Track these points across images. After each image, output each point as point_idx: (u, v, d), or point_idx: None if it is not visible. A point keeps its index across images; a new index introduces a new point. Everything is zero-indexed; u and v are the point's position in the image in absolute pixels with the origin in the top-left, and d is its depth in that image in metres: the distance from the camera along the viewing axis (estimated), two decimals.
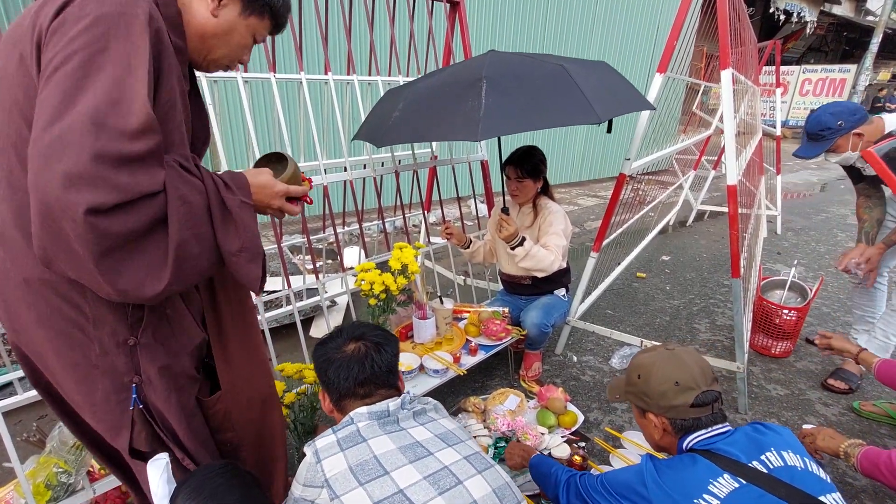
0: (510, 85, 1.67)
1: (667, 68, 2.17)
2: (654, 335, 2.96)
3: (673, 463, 1.15)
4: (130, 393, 0.99)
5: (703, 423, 1.18)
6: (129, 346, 0.97)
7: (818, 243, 4.89)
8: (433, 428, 1.11)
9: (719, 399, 1.21)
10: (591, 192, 7.10)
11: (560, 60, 1.80)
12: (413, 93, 1.91)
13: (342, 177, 2.28)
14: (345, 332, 1.21)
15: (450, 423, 1.16)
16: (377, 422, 1.08)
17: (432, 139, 1.91)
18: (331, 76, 2.23)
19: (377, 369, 1.15)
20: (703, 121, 5.55)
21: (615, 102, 1.81)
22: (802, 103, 13.08)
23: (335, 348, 1.18)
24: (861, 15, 14.97)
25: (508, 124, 1.59)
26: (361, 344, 1.18)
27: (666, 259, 4.38)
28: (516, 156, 2.27)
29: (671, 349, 1.25)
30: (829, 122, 2.13)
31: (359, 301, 2.98)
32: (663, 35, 7.43)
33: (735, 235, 2.10)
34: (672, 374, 1.19)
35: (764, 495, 1.01)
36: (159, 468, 0.93)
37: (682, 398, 1.17)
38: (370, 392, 1.15)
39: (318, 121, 2.52)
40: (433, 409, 1.19)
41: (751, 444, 1.11)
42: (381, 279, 2.00)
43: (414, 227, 4.39)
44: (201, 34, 0.97)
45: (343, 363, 1.14)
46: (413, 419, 1.12)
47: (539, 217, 2.35)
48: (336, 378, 1.14)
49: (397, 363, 1.22)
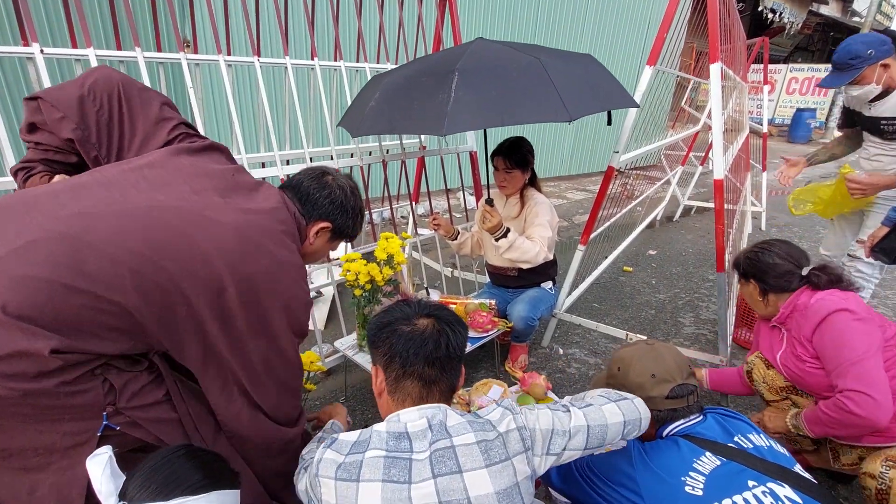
0: (482, 78, 1.64)
1: (656, 61, 2.16)
2: (640, 328, 2.98)
3: (658, 445, 1.20)
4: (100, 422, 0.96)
5: (678, 416, 1.24)
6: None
7: (801, 240, 4.96)
8: (446, 489, 0.88)
9: (695, 393, 1.26)
10: (581, 186, 7.11)
11: (540, 53, 1.77)
12: (390, 82, 1.87)
13: (328, 165, 2.24)
14: (414, 307, 1.09)
15: (491, 480, 0.90)
16: (386, 456, 0.91)
17: (403, 132, 1.88)
18: (317, 62, 2.18)
19: (452, 351, 1.03)
20: (691, 117, 5.59)
21: (593, 100, 1.76)
22: (789, 102, 13.23)
23: (404, 319, 1.05)
24: (847, 15, 15.16)
25: (475, 120, 1.57)
26: (434, 321, 1.05)
27: (652, 253, 4.41)
28: (505, 146, 2.25)
29: (651, 344, 1.32)
30: (860, 50, 2.11)
31: (345, 292, 2.95)
32: (654, 29, 7.43)
33: (721, 230, 2.11)
34: (649, 367, 1.26)
35: (744, 470, 1.07)
36: (101, 463, 0.82)
37: (658, 390, 1.24)
38: (435, 378, 1.01)
39: (305, 108, 2.48)
40: (482, 447, 0.92)
41: (722, 429, 1.19)
42: (366, 269, 1.98)
43: (402, 218, 4.36)
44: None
45: (415, 337, 1.01)
46: (430, 467, 0.90)
47: (525, 208, 2.34)
48: (405, 352, 1.00)
49: (464, 353, 1.09)
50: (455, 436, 0.93)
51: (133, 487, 0.81)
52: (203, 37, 3.31)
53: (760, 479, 1.05)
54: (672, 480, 1.08)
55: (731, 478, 1.05)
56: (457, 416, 0.98)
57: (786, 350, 1.61)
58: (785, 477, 1.06)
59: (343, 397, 2.28)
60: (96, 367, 0.93)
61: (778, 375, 1.67)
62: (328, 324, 2.94)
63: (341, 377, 2.40)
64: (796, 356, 1.55)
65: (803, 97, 13.07)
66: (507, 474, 0.91)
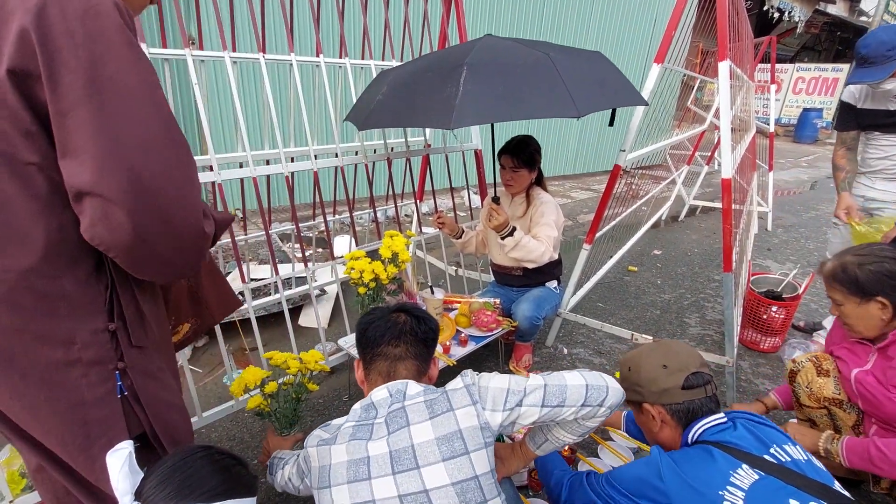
0: (490, 72, 1.62)
1: (664, 58, 2.14)
2: (645, 328, 2.96)
3: (689, 455, 1.10)
4: (115, 381, 0.90)
5: (698, 408, 1.17)
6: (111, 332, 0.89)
7: (808, 240, 4.92)
8: (396, 441, 1.01)
9: (711, 382, 1.19)
10: (585, 185, 7.09)
11: (549, 49, 1.75)
12: (398, 76, 1.87)
13: (333, 162, 2.23)
14: (393, 307, 1.27)
15: (433, 428, 1.02)
16: (355, 424, 1.08)
17: (410, 125, 1.86)
18: (322, 59, 2.17)
19: (417, 333, 1.18)
20: (696, 116, 5.55)
21: (602, 96, 1.75)
22: (795, 101, 13.16)
23: (380, 315, 1.22)
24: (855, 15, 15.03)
25: (483, 113, 1.55)
26: (404, 314, 1.22)
27: (657, 253, 4.38)
28: (512, 145, 2.24)
29: (658, 341, 1.29)
30: (895, 39, 2.03)
31: (349, 290, 2.94)
32: (660, 27, 7.40)
33: (728, 229, 2.09)
34: (659, 359, 1.21)
35: (783, 486, 0.99)
36: (121, 458, 0.79)
37: (673, 380, 1.18)
38: (399, 356, 1.15)
39: (309, 105, 2.47)
40: (427, 403, 1.06)
41: (756, 440, 1.09)
42: (370, 267, 1.97)
43: (406, 216, 4.35)
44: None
45: (383, 323, 1.19)
46: (385, 426, 1.04)
47: (531, 207, 2.32)
48: (374, 335, 1.17)
49: (434, 344, 1.24)
50: (408, 401, 1.08)
51: (149, 488, 0.80)
52: (208, 33, 3.31)
53: (802, 498, 0.97)
54: (710, 494, 1.00)
55: (772, 494, 0.98)
56: (417, 387, 1.11)
57: (871, 370, 1.48)
58: (827, 496, 0.99)
59: (346, 396, 2.27)
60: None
61: (826, 385, 1.58)
62: (332, 322, 2.93)
63: (345, 376, 2.39)
64: (881, 382, 1.44)
65: (810, 97, 12.99)
66: (448, 423, 1.02)
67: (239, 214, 2.97)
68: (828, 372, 1.63)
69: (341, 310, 2.40)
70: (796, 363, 1.68)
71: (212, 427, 2.03)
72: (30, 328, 0.80)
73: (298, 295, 2.72)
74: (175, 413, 1.04)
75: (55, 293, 0.80)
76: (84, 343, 0.84)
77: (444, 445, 0.99)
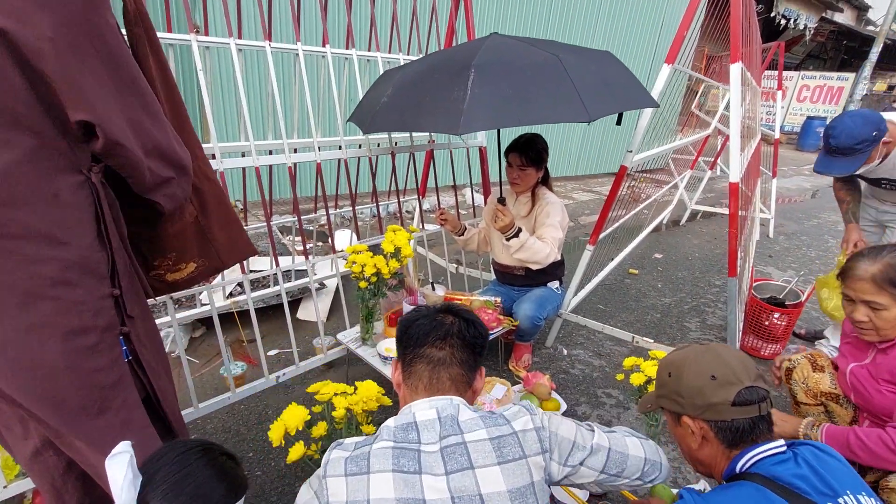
0: (499, 76, 1.59)
1: (675, 59, 2.12)
2: (645, 332, 2.95)
3: (737, 498, 0.90)
4: (121, 346, 0.96)
5: (749, 429, 0.98)
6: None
7: (809, 248, 4.91)
8: (458, 485, 0.85)
9: (767, 399, 1.00)
10: (587, 186, 7.07)
11: (558, 50, 1.73)
12: (403, 78, 1.84)
13: (336, 155, 2.20)
14: (439, 307, 1.13)
15: (503, 477, 0.86)
16: (394, 447, 0.90)
17: (416, 129, 1.84)
18: (329, 49, 2.15)
19: (463, 336, 1.03)
20: (700, 121, 5.53)
21: (612, 100, 1.72)
22: (799, 109, 13.14)
23: (425, 313, 1.09)
24: (862, 24, 15.02)
25: (492, 119, 1.53)
26: (452, 315, 1.08)
27: (658, 257, 4.37)
28: (520, 142, 2.21)
29: (705, 344, 1.10)
30: (865, 134, 1.96)
31: (348, 285, 2.92)
32: (668, 29, 7.37)
33: (734, 233, 2.07)
34: (708, 367, 1.02)
35: None
36: (122, 464, 0.75)
37: (722, 394, 0.98)
38: (443, 360, 1.00)
39: (314, 96, 2.44)
40: (495, 444, 0.89)
41: (821, 481, 0.89)
42: (372, 262, 1.94)
43: (407, 213, 4.33)
44: None
45: (428, 321, 1.05)
46: (441, 460, 0.87)
47: (536, 207, 2.30)
48: (416, 334, 1.03)
49: (482, 352, 1.09)
50: (467, 432, 0.91)
51: (155, 499, 0.77)
52: (214, 20, 3.27)
53: None
54: None
55: None
56: (469, 412, 0.95)
57: (867, 366, 1.50)
58: None
59: None
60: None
61: (822, 380, 1.60)
62: (331, 316, 2.91)
63: (343, 370, 2.37)
64: (874, 376, 1.44)
65: (814, 105, 12.98)
66: (521, 473, 0.88)
67: (239, 206, 2.94)
68: (823, 368, 1.67)
69: (340, 304, 2.38)
70: (792, 361, 1.70)
71: (207, 418, 2.01)
72: (46, 295, 0.83)
73: (298, 288, 2.70)
74: (164, 380, 1.11)
75: (66, 259, 0.85)
76: (96, 310, 0.90)
77: (518, 501, 0.86)
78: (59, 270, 0.84)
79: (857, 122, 1.99)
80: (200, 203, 1.22)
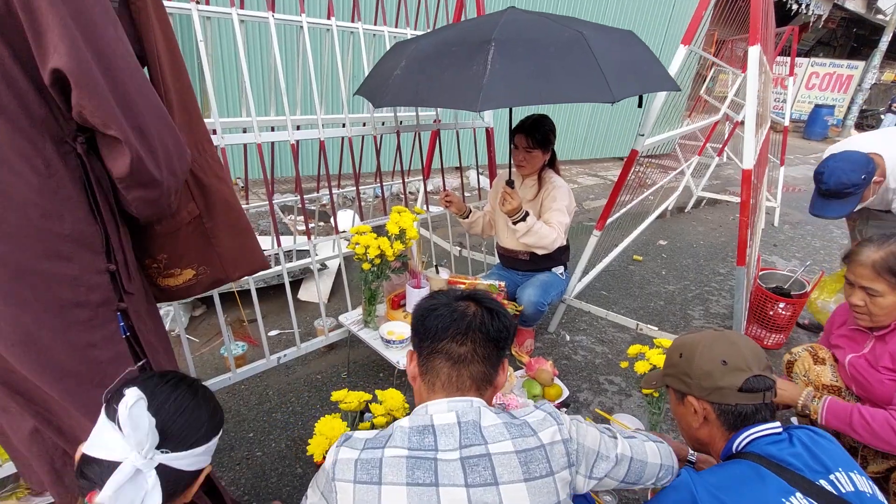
0: (520, 51, 1.52)
1: (692, 40, 2.05)
2: (649, 319, 2.93)
3: (732, 477, 0.92)
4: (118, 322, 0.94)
5: (751, 414, 1.02)
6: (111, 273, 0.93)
7: (814, 238, 4.87)
8: (479, 499, 0.80)
9: (772, 389, 1.04)
10: (592, 171, 6.99)
11: (582, 27, 1.66)
12: (417, 50, 1.76)
13: (340, 132, 2.15)
14: (457, 292, 1.04)
15: (529, 496, 0.81)
16: (408, 456, 0.83)
17: (431, 104, 1.77)
18: (334, 22, 2.07)
19: (486, 330, 0.94)
20: (708, 107, 5.43)
21: (635, 81, 1.66)
22: (808, 97, 12.95)
23: (445, 301, 0.99)
24: (872, 12, 14.70)
25: (513, 96, 1.46)
26: (474, 303, 0.98)
27: (663, 244, 4.33)
28: (527, 123, 2.15)
29: (719, 330, 1.12)
30: (854, 179, 2.01)
31: (351, 266, 2.89)
32: (679, 11, 7.20)
33: (745, 221, 2.03)
34: (720, 352, 1.05)
35: None
36: (142, 409, 0.72)
37: (730, 379, 1.02)
38: (464, 357, 0.92)
39: (318, 71, 2.37)
40: (521, 458, 0.83)
41: (813, 459, 0.92)
42: (376, 243, 1.91)
43: (411, 194, 4.27)
44: None
45: (447, 311, 0.96)
46: (462, 471, 0.81)
47: (543, 191, 2.25)
48: (436, 326, 0.94)
49: (507, 347, 1.00)
50: (491, 442, 0.84)
51: (171, 431, 0.79)
52: None
53: None
54: None
55: None
56: (492, 416, 0.89)
57: (866, 355, 1.50)
58: None
59: (345, 372, 2.23)
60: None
61: (823, 372, 1.61)
62: (332, 297, 2.89)
63: (344, 353, 2.35)
64: (873, 365, 1.46)
65: (822, 93, 12.79)
66: (548, 491, 0.82)
67: (240, 183, 2.89)
68: (824, 360, 1.68)
69: (342, 285, 2.35)
70: (793, 354, 1.73)
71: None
72: (40, 268, 0.81)
73: (299, 268, 2.66)
74: (164, 358, 1.08)
75: (59, 232, 0.82)
76: (90, 285, 0.88)
77: None
78: (54, 243, 0.82)
79: (844, 166, 2.04)
80: (206, 203, 1.09)
